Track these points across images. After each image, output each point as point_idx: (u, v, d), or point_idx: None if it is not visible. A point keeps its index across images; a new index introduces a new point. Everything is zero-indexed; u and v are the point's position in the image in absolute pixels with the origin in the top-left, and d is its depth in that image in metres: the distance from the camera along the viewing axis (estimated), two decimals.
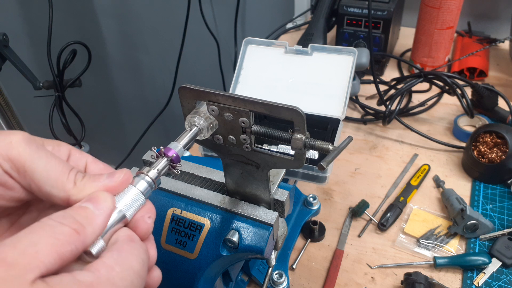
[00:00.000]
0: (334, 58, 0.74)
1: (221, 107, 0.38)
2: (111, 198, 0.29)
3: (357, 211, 0.69)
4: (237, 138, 0.40)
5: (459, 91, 0.81)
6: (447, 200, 0.69)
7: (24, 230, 0.25)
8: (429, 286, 0.56)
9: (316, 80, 0.74)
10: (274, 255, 0.50)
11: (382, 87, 0.92)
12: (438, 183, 0.74)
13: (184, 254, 0.46)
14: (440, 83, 0.85)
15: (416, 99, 0.94)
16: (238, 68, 0.78)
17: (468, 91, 0.85)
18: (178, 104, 0.42)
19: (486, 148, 0.73)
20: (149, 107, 1.98)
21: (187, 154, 0.67)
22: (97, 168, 0.34)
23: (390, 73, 1.06)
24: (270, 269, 0.55)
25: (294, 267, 0.63)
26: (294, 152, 0.38)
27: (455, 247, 0.64)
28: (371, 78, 0.96)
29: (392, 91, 0.92)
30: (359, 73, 0.99)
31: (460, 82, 0.82)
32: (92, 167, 0.34)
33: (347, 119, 0.91)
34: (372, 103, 0.92)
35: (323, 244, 0.66)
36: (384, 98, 0.86)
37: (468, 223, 0.63)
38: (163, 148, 0.34)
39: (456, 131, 0.84)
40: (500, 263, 0.60)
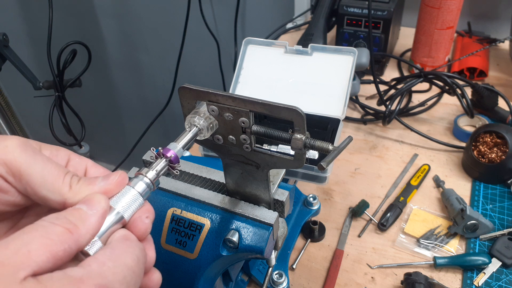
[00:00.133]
0: (334, 58, 0.74)
1: (221, 107, 0.38)
2: (105, 199, 0.30)
3: (357, 211, 0.69)
4: (237, 138, 0.40)
5: (459, 91, 0.81)
6: (447, 200, 0.69)
7: (17, 231, 0.25)
8: (429, 286, 0.56)
9: (316, 80, 0.74)
10: (274, 255, 0.50)
11: (382, 87, 0.92)
12: (438, 183, 0.74)
13: (184, 254, 0.46)
14: (440, 83, 0.85)
15: (416, 99, 0.94)
16: (238, 68, 0.78)
17: (468, 91, 0.85)
18: (178, 104, 0.42)
19: (486, 148, 0.73)
20: (149, 107, 1.98)
21: (187, 154, 0.67)
22: (97, 172, 0.34)
23: (390, 73, 1.06)
24: (270, 269, 0.55)
25: (294, 267, 0.63)
26: (294, 152, 0.38)
27: (455, 247, 0.64)
28: (371, 78, 0.96)
29: (392, 91, 0.92)
30: (359, 73, 0.99)
31: (460, 82, 0.82)
32: (92, 172, 0.34)
33: (347, 119, 0.91)
34: (372, 103, 0.92)
35: (323, 244, 0.66)
36: (384, 98, 0.86)
37: (468, 223, 0.63)
38: (161, 149, 0.34)
39: (456, 131, 0.84)
40: (500, 263, 0.60)
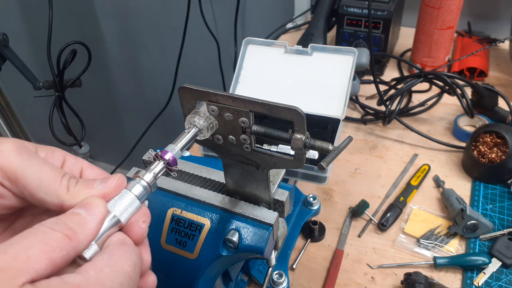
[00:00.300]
0: (334, 58, 0.74)
1: (221, 107, 0.38)
2: (104, 203, 0.29)
3: (357, 211, 0.69)
4: (237, 138, 0.40)
5: (459, 91, 0.81)
6: (447, 200, 0.69)
7: (16, 236, 0.25)
8: (429, 286, 0.56)
9: (316, 80, 0.74)
10: (274, 255, 0.50)
11: (382, 87, 0.92)
12: (438, 183, 0.74)
13: (184, 254, 0.46)
14: (440, 83, 0.85)
15: (416, 99, 0.94)
16: (238, 68, 0.78)
17: (468, 91, 0.85)
18: (178, 104, 0.42)
19: (486, 148, 0.73)
20: (149, 107, 1.98)
21: (187, 154, 0.67)
22: (92, 174, 0.34)
23: (390, 73, 1.06)
24: (270, 269, 0.55)
25: (294, 267, 0.63)
26: (294, 152, 0.38)
27: (455, 247, 0.64)
28: (371, 78, 0.96)
29: (392, 91, 0.92)
30: (359, 73, 0.99)
31: (460, 82, 0.82)
32: (87, 173, 0.34)
33: (347, 119, 0.91)
34: (372, 103, 0.92)
35: (323, 244, 0.66)
36: (384, 98, 0.85)
37: (468, 223, 0.63)
38: (160, 151, 0.34)
39: (456, 131, 0.84)
40: (500, 263, 0.60)
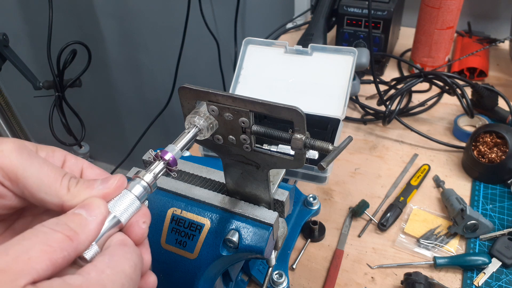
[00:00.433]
0: (334, 58, 0.74)
1: (221, 107, 0.38)
2: (104, 204, 0.29)
3: (357, 211, 0.69)
4: (237, 138, 0.40)
5: (459, 91, 0.81)
6: (447, 200, 0.69)
7: (17, 236, 0.25)
8: (429, 286, 0.56)
9: (316, 80, 0.74)
10: (274, 255, 0.50)
11: (382, 87, 0.92)
12: (438, 183, 0.74)
13: (184, 254, 0.46)
14: (440, 83, 0.85)
15: (416, 99, 0.94)
16: (238, 68, 0.78)
17: (468, 91, 0.85)
18: (178, 104, 0.42)
19: (486, 148, 0.73)
20: (149, 107, 1.98)
21: (187, 154, 0.67)
22: (93, 174, 0.34)
23: (390, 73, 1.06)
24: (270, 269, 0.55)
25: (294, 267, 0.63)
26: (294, 152, 0.38)
27: (455, 247, 0.64)
28: (371, 78, 0.96)
29: (392, 91, 0.92)
30: (359, 73, 0.99)
31: (460, 82, 0.82)
32: (88, 173, 0.34)
33: (347, 119, 0.91)
34: (372, 103, 0.92)
35: (323, 244, 0.66)
36: (384, 98, 0.85)
37: (468, 223, 0.63)
38: (160, 151, 0.34)
39: (456, 131, 0.84)
40: (500, 263, 0.60)
